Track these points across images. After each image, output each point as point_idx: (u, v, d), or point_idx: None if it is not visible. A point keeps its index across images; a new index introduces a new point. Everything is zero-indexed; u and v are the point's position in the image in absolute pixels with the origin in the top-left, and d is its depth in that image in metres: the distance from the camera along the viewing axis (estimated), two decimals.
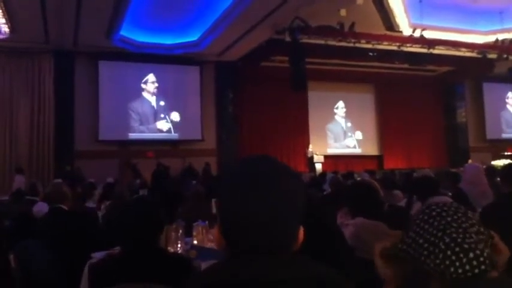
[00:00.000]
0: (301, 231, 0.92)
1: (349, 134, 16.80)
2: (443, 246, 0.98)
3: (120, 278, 1.87)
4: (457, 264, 0.97)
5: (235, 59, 13.52)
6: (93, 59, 12.91)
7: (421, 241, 1.02)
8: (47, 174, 11.85)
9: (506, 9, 11.83)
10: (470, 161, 13.50)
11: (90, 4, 9.50)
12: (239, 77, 14.41)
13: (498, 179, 5.02)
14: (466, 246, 0.97)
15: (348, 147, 16.73)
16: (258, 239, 0.86)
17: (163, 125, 13.68)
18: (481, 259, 0.97)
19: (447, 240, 0.98)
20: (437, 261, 0.99)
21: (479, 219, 1.06)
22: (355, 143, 16.84)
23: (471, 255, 0.97)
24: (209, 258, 2.52)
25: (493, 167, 7.09)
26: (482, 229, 1.02)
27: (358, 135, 16.87)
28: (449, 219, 1.01)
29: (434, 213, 1.03)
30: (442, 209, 1.03)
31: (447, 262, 0.97)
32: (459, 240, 0.98)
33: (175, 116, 13.76)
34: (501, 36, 12.96)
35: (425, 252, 1.01)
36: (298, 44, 10.96)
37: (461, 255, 0.97)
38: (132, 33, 12.06)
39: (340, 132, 16.68)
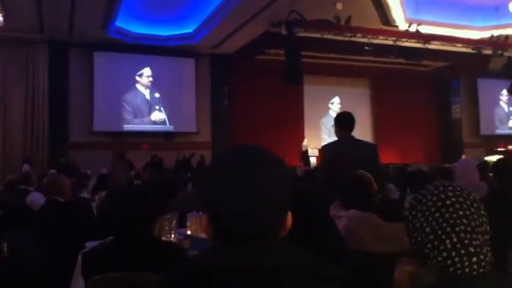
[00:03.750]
0: (289, 219, 0.93)
1: None
2: (449, 246, 0.98)
3: (113, 266, 1.88)
4: (459, 265, 0.97)
5: (231, 51, 13.47)
6: (88, 50, 12.82)
7: (428, 230, 1.01)
8: (40, 164, 11.80)
9: (502, 5, 11.85)
10: (463, 156, 13.58)
11: None
12: (234, 69, 14.37)
13: (491, 174, 5.07)
14: (471, 249, 0.97)
15: None
16: (245, 226, 0.86)
17: (157, 116, 13.64)
18: (483, 263, 0.97)
19: (455, 239, 0.98)
20: (440, 258, 0.99)
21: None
22: None
23: (474, 259, 0.97)
24: (202, 248, 2.52)
25: (486, 162, 7.14)
26: (488, 228, 1.02)
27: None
28: (461, 213, 1.00)
29: (448, 201, 1.01)
30: (458, 199, 1.02)
31: (449, 262, 0.98)
32: (466, 241, 0.98)
33: (170, 108, 13.72)
34: (496, 33, 13.00)
35: (430, 245, 1.00)
36: (294, 38, 10.94)
37: (465, 258, 0.97)
38: (128, 24, 11.98)
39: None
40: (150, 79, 13.54)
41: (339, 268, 0.97)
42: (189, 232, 3.06)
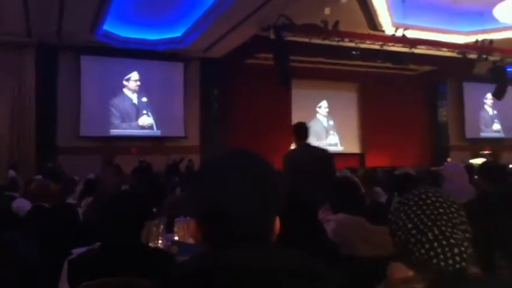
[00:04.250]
0: (277, 222, 0.94)
1: (331, 132, 16.92)
2: (431, 237, 1.01)
3: (100, 272, 1.86)
4: (441, 257, 0.99)
5: (220, 55, 13.47)
6: (76, 54, 12.73)
7: (410, 226, 1.05)
8: (27, 169, 11.64)
9: (487, 10, 12.02)
10: (449, 159, 13.73)
11: None
12: (224, 73, 14.37)
13: (476, 176, 5.13)
14: (452, 241, 1.00)
15: (330, 145, 16.83)
16: (243, 228, 0.87)
17: (145, 121, 13.57)
18: (464, 256, 1.00)
19: (436, 231, 1.02)
20: (423, 250, 1.01)
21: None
22: (337, 141, 16.97)
23: (456, 250, 1.00)
24: (190, 254, 2.51)
25: (471, 165, 7.22)
26: (469, 228, 1.06)
27: (340, 133, 17.00)
28: (441, 210, 1.04)
29: (429, 201, 1.06)
30: (438, 199, 1.07)
31: (432, 253, 1.00)
32: (447, 234, 1.01)
33: (158, 113, 13.66)
34: (481, 37, 13.19)
35: (413, 240, 1.04)
36: (283, 42, 10.98)
37: (447, 248, 1.00)
38: (116, 28, 11.92)
39: (322, 130, 16.78)
40: (138, 83, 13.47)
41: (337, 270, 0.98)
42: (176, 238, 3.05)
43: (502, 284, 1.09)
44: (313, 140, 15.16)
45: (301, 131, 4.41)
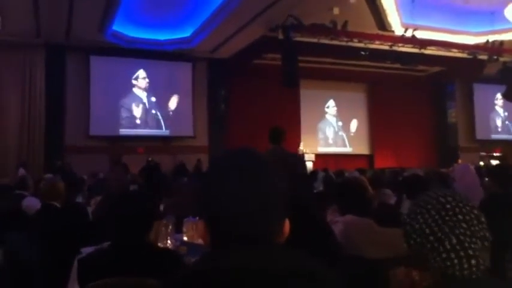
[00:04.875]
0: (287, 224, 0.93)
1: (340, 132, 16.87)
2: (448, 247, 0.99)
3: (109, 272, 1.87)
4: (457, 267, 0.97)
5: (228, 56, 13.49)
6: (85, 54, 12.81)
7: (427, 231, 1.02)
8: (36, 168, 11.74)
9: (497, 10, 11.92)
10: (459, 161, 13.62)
11: None
12: (231, 74, 14.38)
13: (486, 179, 5.09)
14: (470, 252, 0.98)
15: (339, 146, 16.79)
16: (245, 229, 0.87)
17: (154, 121, 13.63)
18: (481, 267, 0.98)
19: (454, 241, 0.99)
20: (438, 258, 0.99)
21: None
22: (346, 141, 16.91)
23: (473, 262, 0.98)
24: (199, 254, 2.52)
25: (482, 167, 7.17)
26: (488, 234, 1.02)
27: (349, 134, 16.95)
28: (460, 217, 1.01)
29: (448, 206, 1.03)
30: (457, 204, 1.03)
31: (448, 263, 0.98)
32: (466, 244, 0.98)
33: (166, 112, 13.72)
34: (492, 38, 13.07)
35: (429, 246, 1.02)
36: (291, 42, 10.98)
37: (464, 260, 0.98)
38: (125, 28, 11.98)
39: (331, 131, 16.74)
40: (147, 80, 13.53)
41: (338, 271, 0.97)
42: (185, 238, 3.05)
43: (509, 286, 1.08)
44: (322, 141, 15.08)
45: (272, 135, 4.52)
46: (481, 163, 11.64)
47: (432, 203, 1.05)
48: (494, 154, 15.94)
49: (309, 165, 13.63)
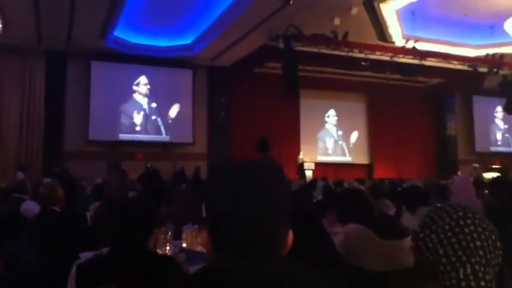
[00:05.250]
0: (290, 237, 0.93)
1: (340, 142, 16.89)
2: (462, 276, 0.96)
3: (107, 278, 1.86)
4: None
5: (229, 64, 13.54)
6: (86, 59, 12.85)
7: (441, 252, 0.99)
8: (35, 172, 11.72)
9: (497, 24, 12.00)
10: (459, 173, 13.62)
11: (84, 4, 9.46)
12: (232, 82, 14.43)
13: (486, 191, 5.09)
14: (482, 283, 0.95)
15: (338, 155, 16.80)
16: (249, 240, 0.86)
17: (154, 127, 13.63)
18: None
19: (468, 270, 0.96)
20: (448, 283, 0.97)
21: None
22: (345, 151, 16.93)
23: None
24: (198, 261, 2.51)
25: (481, 180, 7.16)
26: (500, 259, 0.99)
27: (349, 143, 16.97)
28: (478, 243, 0.97)
29: (467, 229, 0.98)
30: (476, 228, 0.98)
31: None
32: (480, 274, 0.95)
33: (166, 119, 13.73)
34: (492, 51, 13.14)
35: (441, 267, 0.98)
36: (292, 52, 11.02)
37: None
38: (126, 35, 12.03)
39: (331, 140, 16.76)
40: (148, 86, 13.56)
41: (338, 283, 0.97)
42: (184, 245, 3.05)
43: None
44: (322, 150, 15.08)
45: (260, 144, 4.82)
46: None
47: (450, 224, 1.00)
48: (494, 166, 15.93)
49: (309, 174, 13.64)
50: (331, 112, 16.81)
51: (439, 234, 1.00)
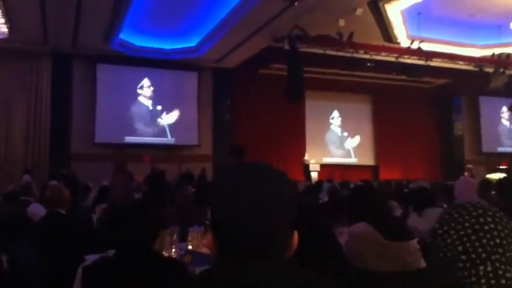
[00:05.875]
0: (295, 239, 0.93)
1: (345, 143, 16.85)
2: (481, 273, 0.95)
3: (114, 281, 1.86)
4: None
5: (234, 65, 13.55)
6: (91, 62, 12.91)
7: (460, 248, 0.98)
8: (42, 175, 11.79)
9: (504, 24, 11.93)
10: (466, 173, 13.53)
11: (89, 7, 9.51)
12: (237, 83, 14.44)
13: (493, 192, 5.04)
14: (503, 281, 0.94)
15: (344, 156, 16.76)
16: (254, 244, 0.86)
17: (159, 129, 13.67)
18: None
19: (489, 268, 0.95)
20: (467, 280, 0.95)
21: None
22: (351, 152, 16.88)
23: None
24: (204, 263, 2.51)
25: (488, 180, 7.10)
26: None
27: (354, 145, 16.92)
28: (498, 241, 0.96)
29: (486, 227, 0.97)
30: (496, 226, 0.98)
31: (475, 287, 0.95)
32: (500, 272, 0.95)
33: (172, 121, 13.76)
34: (498, 51, 13.05)
35: (460, 264, 0.97)
36: (297, 53, 11.00)
37: None
38: (131, 37, 12.07)
39: (336, 142, 16.72)
40: (152, 88, 13.60)
41: (342, 285, 0.96)
42: (190, 247, 3.04)
43: None
44: (327, 151, 15.05)
45: (235, 151, 5.03)
46: (488, 176, 11.53)
47: (470, 222, 0.99)
48: (501, 167, 15.81)
49: (314, 175, 13.61)
50: (336, 113, 16.77)
51: (459, 231, 0.99)
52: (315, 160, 14.43)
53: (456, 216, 1.01)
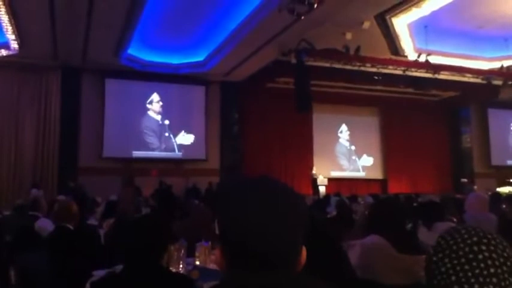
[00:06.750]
0: (304, 252, 0.92)
1: (353, 157, 16.77)
2: None
3: None
4: None
5: (241, 79, 13.60)
6: (100, 77, 13.04)
7: (453, 278, 0.96)
8: (50, 189, 11.84)
9: (511, 36, 11.91)
10: (475, 187, 13.40)
11: (99, 22, 9.63)
12: (244, 97, 14.48)
13: (504, 205, 4.98)
14: None
15: (352, 170, 16.67)
16: (263, 258, 0.85)
17: (167, 143, 13.71)
18: None
19: None
20: None
21: None
22: (359, 166, 16.79)
23: None
24: (211, 279, 2.49)
25: (499, 194, 7.03)
26: None
27: (363, 158, 16.84)
28: (492, 270, 0.94)
29: (481, 256, 0.95)
30: (491, 255, 0.95)
31: None
32: None
33: (180, 136, 13.81)
34: (506, 63, 13.01)
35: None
36: (304, 66, 11.04)
37: None
38: (140, 52, 12.20)
39: (344, 155, 16.65)
40: (161, 103, 13.68)
41: None
42: (197, 262, 3.02)
43: None
44: (335, 165, 15.00)
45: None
46: (498, 189, 11.40)
47: (464, 250, 0.97)
48: (511, 180, 15.62)
49: (322, 189, 13.55)
50: (344, 127, 16.73)
51: (452, 260, 0.97)
52: (322, 174, 14.38)
53: (451, 243, 0.99)
